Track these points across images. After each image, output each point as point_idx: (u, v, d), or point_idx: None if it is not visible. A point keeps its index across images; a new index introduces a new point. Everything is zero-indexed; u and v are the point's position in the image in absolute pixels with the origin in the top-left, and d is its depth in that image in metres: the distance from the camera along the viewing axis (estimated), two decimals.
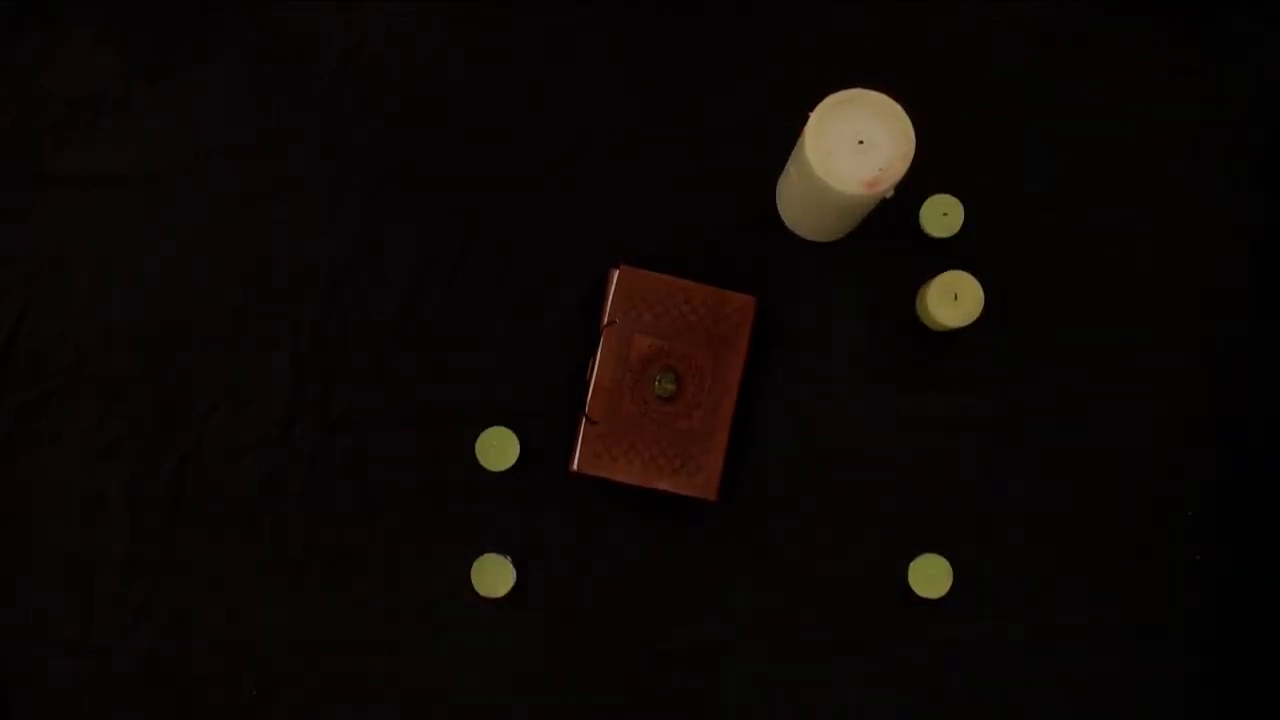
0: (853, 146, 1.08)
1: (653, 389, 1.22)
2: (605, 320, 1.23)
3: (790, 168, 1.19)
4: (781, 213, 1.28)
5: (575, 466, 1.22)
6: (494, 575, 1.23)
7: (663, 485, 1.22)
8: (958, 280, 1.21)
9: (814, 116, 1.08)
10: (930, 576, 1.24)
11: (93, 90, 1.28)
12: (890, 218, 1.27)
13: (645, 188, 1.29)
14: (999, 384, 1.28)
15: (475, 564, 1.23)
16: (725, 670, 1.26)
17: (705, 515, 1.26)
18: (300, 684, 1.25)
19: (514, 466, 1.25)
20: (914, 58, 1.29)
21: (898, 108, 1.07)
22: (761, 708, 1.25)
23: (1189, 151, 1.30)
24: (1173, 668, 1.27)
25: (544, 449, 1.26)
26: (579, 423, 1.22)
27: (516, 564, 1.24)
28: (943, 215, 1.27)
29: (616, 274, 1.23)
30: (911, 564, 1.25)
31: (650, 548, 1.26)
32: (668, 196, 1.29)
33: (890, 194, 1.10)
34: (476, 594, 1.23)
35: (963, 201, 1.27)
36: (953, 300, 1.21)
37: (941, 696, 1.26)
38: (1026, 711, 1.26)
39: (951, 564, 1.25)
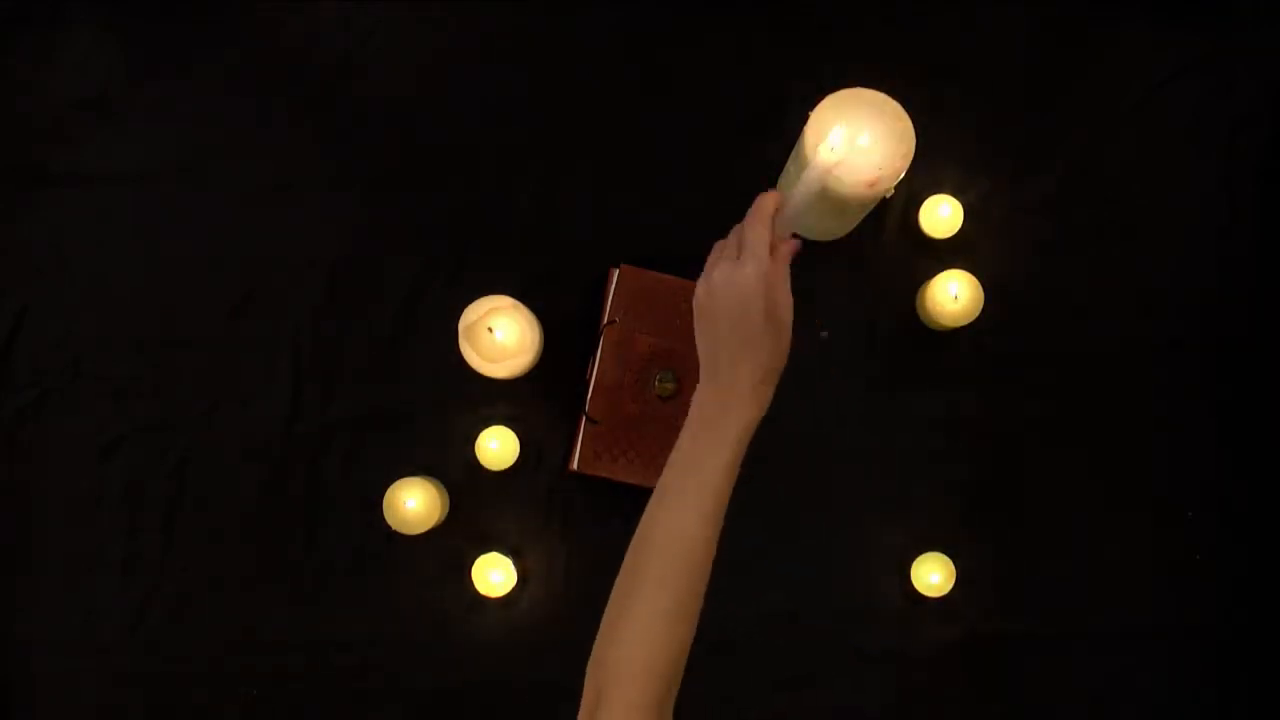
0: (853, 146, 1.07)
1: (653, 389, 1.22)
2: (605, 320, 1.23)
3: (790, 167, 1.19)
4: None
5: (575, 466, 1.22)
6: (494, 575, 1.23)
7: None
8: (958, 280, 1.21)
9: (814, 116, 1.07)
10: (930, 576, 1.24)
11: (93, 90, 1.28)
12: (890, 218, 1.28)
13: (645, 188, 1.29)
14: (999, 384, 1.28)
15: (475, 564, 1.23)
16: (724, 670, 1.26)
17: None
18: (300, 684, 1.25)
19: (514, 466, 1.25)
20: (914, 58, 1.29)
21: (898, 108, 1.07)
22: (762, 708, 1.25)
23: (1189, 151, 1.30)
24: (1173, 668, 1.27)
25: (544, 449, 1.26)
26: (579, 423, 1.22)
27: (516, 564, 1.24)
28: (943, 216, 1.27)
29: (616, 274, 1.23)
30: (912, 564, 1.25)
31: None
32: (668, 196, 1.29)
33: (890, 193, 1.10)
34: (476, 593, 1.23)
35: (962, 201, 1.27)
36: (953, 300, 1.21)
37: (941, 696, 1.26)
38: (1027, 711, 1.27)
39: (952, 564, 1.25)
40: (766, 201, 0.95)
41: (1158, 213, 1.30)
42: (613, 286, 1.23)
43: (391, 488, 1.19)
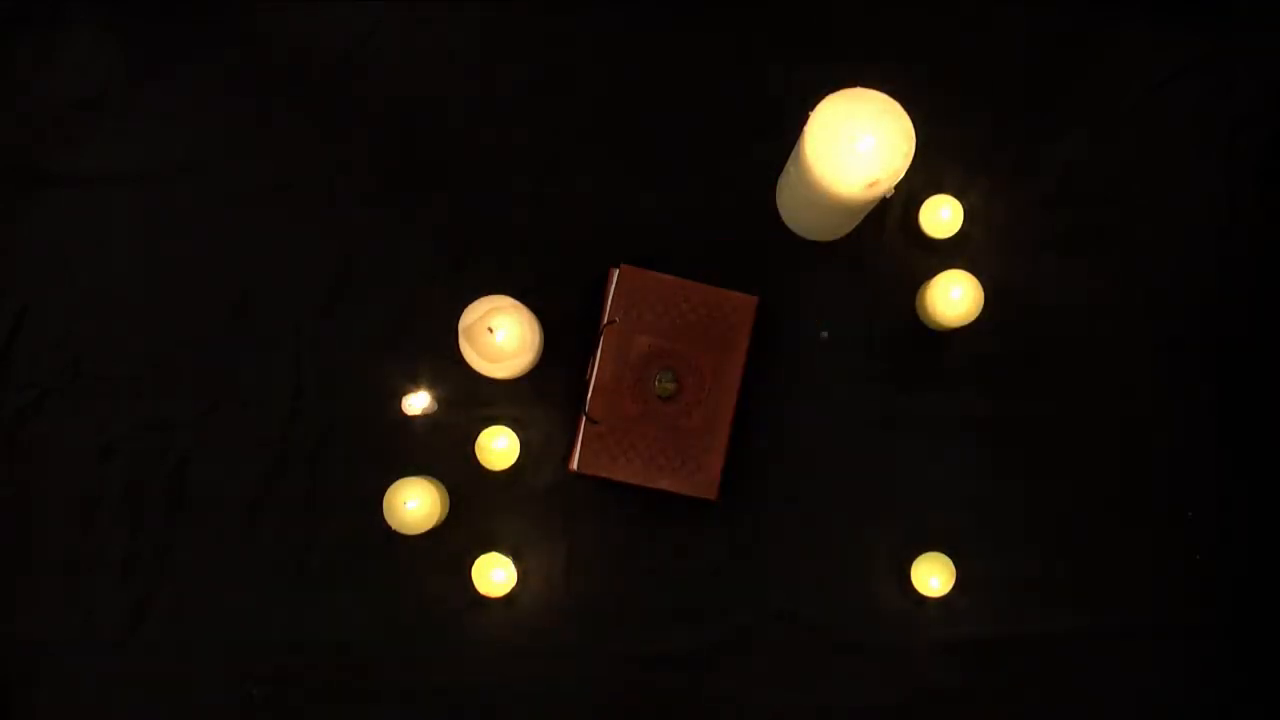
0: (853, 146, 1.08)
1: (653, 389, 1.22)
2: (605, 320, 1.23)
3: (790, 168, 1.19)
4: (781, 213, 1.28)
5: (575, 466, 1.22)
6: (494, 575, 1.23)
7: (663, 485, 1.22)
8: (958, 280, 1.21)
9: (814, 116, 1.08)
10: (930, 576, 1.24)
11: (93, 90, 1.28)
12: (890, 218, 1.28)
13: (645, 188, 1.29)
14: (999, 384, 1.28)
15: (475, 564, 1.23)
16: (724, 670, 1.26)
17: (705, 515, 1.26)
18: (300, 684, 1.25)
19: (514, 466, 1.25)
20: (914, 58, 1.29)
21: (898, 108, 1.07)
22: (761, 708, 1.25)
23: (1188, 151, 1.30)
24: (1173, 668, 1.27)
25: (544, 449, 1.26)
26: (579, 423, 1.22)
27: (516, 564, 1.24)
28: (943, 215, 1.27)
29: (616, 274, 1.23)
30: (912, 564, 1.25)
31: (650, 548, 1.26)
32: (668, 196, 1.29)
33: (890, 193, 1.10)
34: (477, 593, 1.23)
35: (962, 201, 1.27)
36: (953, 300, 1.21)
37: (941, 696, 1.26)
38: (1027, 711, 1.27)
39: (952, 564, 1.25)
40: None
41: (1158, 213, 1.30)
42: (613, 286, 1.23)
43: (391, 488, 1.19)
